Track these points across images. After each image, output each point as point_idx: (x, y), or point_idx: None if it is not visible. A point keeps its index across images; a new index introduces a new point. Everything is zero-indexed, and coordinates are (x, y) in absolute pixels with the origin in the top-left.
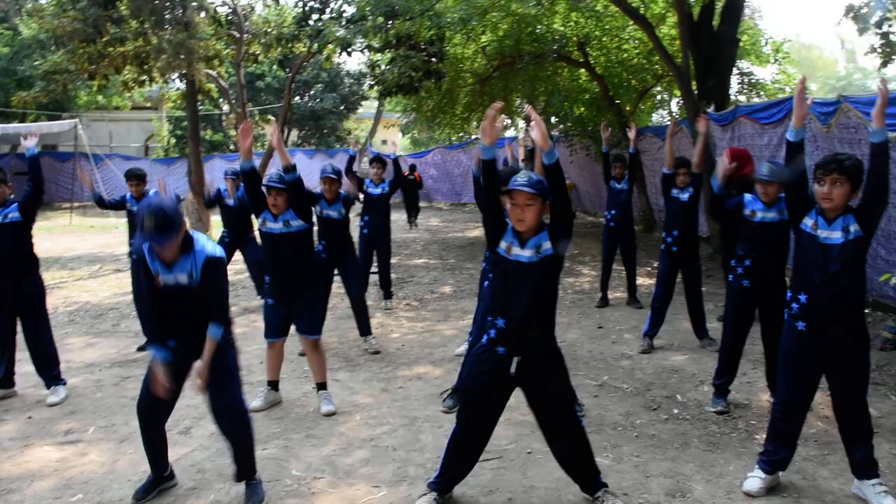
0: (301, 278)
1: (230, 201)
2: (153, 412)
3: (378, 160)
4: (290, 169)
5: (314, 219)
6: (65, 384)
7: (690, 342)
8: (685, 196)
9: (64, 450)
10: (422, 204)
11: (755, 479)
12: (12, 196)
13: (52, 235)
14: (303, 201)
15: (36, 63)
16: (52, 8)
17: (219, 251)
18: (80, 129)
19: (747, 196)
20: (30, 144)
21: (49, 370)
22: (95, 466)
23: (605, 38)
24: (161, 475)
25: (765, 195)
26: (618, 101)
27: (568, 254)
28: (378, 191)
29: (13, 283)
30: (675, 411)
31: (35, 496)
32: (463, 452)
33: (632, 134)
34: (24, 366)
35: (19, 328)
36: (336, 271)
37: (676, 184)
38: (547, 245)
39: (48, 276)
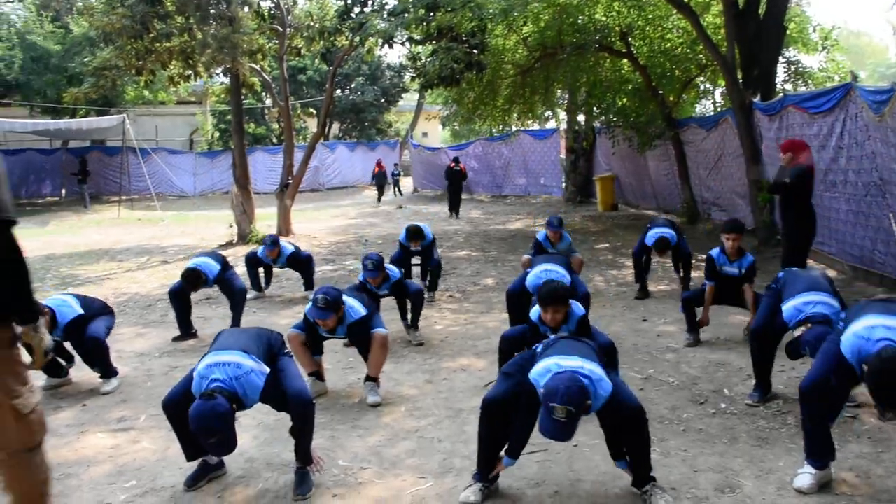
0: None
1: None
2: (179, 409)
3: (415, 232)
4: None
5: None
6: (117, 374)
7: (737, 335)
8: (734, 270)
9: (117, 437)
10: (463, 196)
11: (806, 476)
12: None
13: (101, 228)
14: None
15: (86, 60)
16: (102, 6)
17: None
18: (127, 123)
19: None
20: None
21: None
22: (147, 454)
23: (647, 28)
24: (207, 463)
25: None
26: (661, 92)
27: (611, 246)
28: (418, 248)
29: None
30: (723, 405)
31: (91, 481)
32: (491, 438)
33: None
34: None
35: None
36: None
37: (724, 252)
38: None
39: (98, 268)
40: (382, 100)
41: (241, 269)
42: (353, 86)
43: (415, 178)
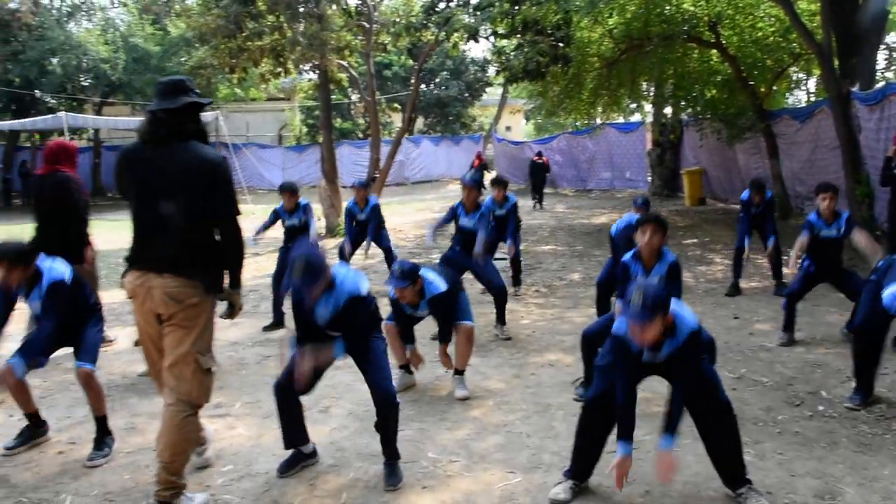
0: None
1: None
2: (289, 393)
3: (499, 182)
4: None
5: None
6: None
7: (834, 335)
8: (832, 233)
9: (214, 422)
10: (547, 190)
11: None
12: None
13: None
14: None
15: (182, 60)
16: (199, 7)
17: (363, 288)
18: (220, 120)
19: None
20: None
21: None
22: (243, 440)
23: (737, 17)
24: (300, 451)
25: None
26: (751, 83)
27: (699, 241)
28: (502, 212)
29: None
30: (821, 408)
31: (192, 464)
32: (592, 438)
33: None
34: None
35: None
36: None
37: (821, 215)
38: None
39: None
40: (466, 94)
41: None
42: (437, 80)
43: (498, 171)
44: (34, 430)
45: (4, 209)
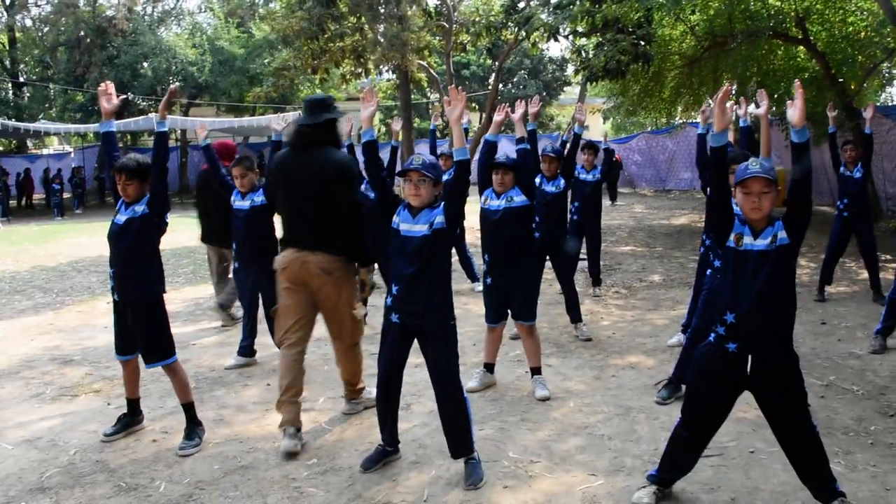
0: (520, 259)
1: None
2: (388, 386)
3: (589, 146)
4: (521, 141)
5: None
6: None
7: None
8: None
9: None
10: (626, 190)
11: None
12: (260, 182)
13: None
14: (529, 177)
15: (266, 61)
16: (283, 10)
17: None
18: None
19: None
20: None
21: None
22: (326, 434)
23: (827, 12)
24: (384, 447)
25: None
26: (841, 80)
27: None
28: (589, 177)
29: (258, 263)
30: None
31: (277, 457)
32: (685, 448)
33: (868, 113)
34: (261, 336)
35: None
36: (548, 256)
37: None
38: (783, 235)
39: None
40: (544, 93)
41: None
42: (515, 80)
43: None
44: (131, 419)
45: (99, 206)
